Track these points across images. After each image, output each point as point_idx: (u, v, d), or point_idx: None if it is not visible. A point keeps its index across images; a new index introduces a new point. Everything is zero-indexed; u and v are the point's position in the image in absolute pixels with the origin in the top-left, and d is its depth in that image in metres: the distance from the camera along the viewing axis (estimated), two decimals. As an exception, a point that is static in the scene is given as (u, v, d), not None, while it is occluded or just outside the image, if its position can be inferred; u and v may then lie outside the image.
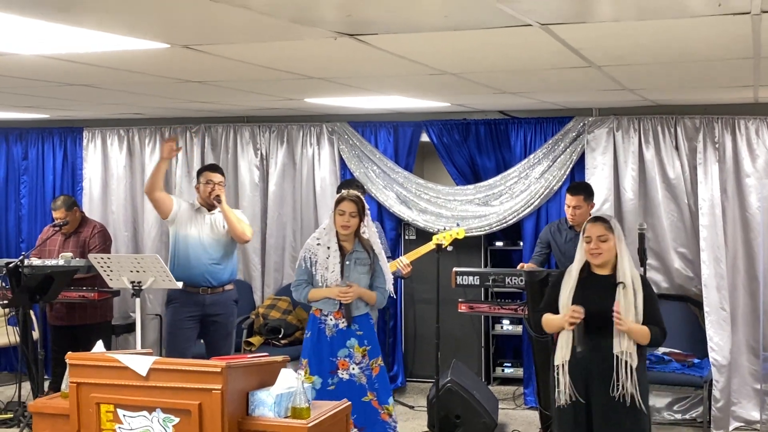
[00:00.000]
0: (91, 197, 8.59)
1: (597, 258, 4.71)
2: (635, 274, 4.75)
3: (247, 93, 5.72)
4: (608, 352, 4.62)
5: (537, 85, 5.34)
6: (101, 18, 2.98)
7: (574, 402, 4.69)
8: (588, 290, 4.73)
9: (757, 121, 6.94)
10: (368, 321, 5.62)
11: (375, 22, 3.03)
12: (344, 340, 5.50)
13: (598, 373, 4.65)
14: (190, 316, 6.43)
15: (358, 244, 5.57)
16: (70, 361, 3.94)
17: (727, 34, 3.46)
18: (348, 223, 5.45)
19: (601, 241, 4.69)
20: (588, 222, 4.81)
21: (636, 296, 4.65)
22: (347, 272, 5.50)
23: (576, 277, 4.77)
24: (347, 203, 5.47)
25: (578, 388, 4.69)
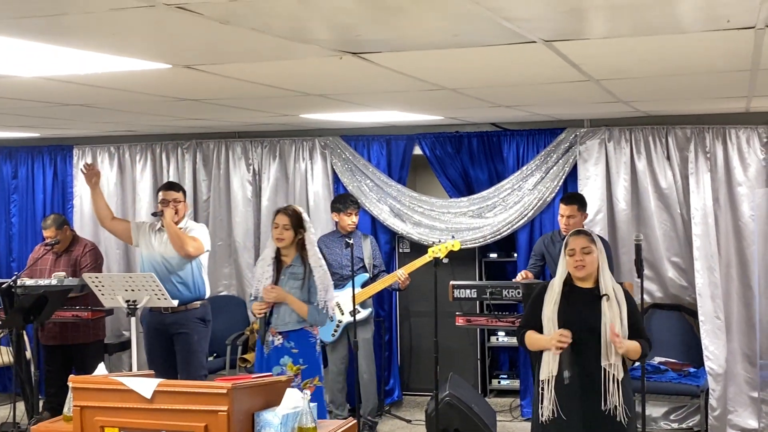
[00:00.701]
0: (82, 215, 8.55)
1: (581, 270, 4.70)
2: (617, 287, 4.77)
3: (244, 110, 5.71)
4: (594, 366, 4.60)
5: (533, 98, 5.36)
6: (111, 41, 2.97)
7: (556, 418, 4.67)
8: (572, 303, 4.71)
9: (748, 131, 6.99)
10: (307, 338, 5.54)
11: (383, 41, 3.03)
12: (278, 357, 5.47)
13: (585, 388, 4.63)
14: (158, 336, 6.48)
15: (297, 258, 5.55)
16: (72, 385, 3.90)
17: (727, 48, 3.49)
18: (281, 235, 5.49)
19: (585, 253, 4.69)
20: (570, 236, 4.82)
21: (620, 308, 4.66)
22: (280, 285, 5.51)
23: (559, 290, 4.75)
24: (280, 216, 5.53)
25: (562, 403, 4.66)
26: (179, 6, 2.36)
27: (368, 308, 7.17)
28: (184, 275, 6.49)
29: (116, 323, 8.30)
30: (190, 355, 6.52)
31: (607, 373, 4.59)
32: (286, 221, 5.48)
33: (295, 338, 5.48)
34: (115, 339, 8.27)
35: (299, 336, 5.49)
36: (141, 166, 8.53)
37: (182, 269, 6.47)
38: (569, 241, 4.77)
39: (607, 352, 4.60)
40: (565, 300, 4.72)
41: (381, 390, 7.75)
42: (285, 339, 5.48)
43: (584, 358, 4.62)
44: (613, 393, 4.58)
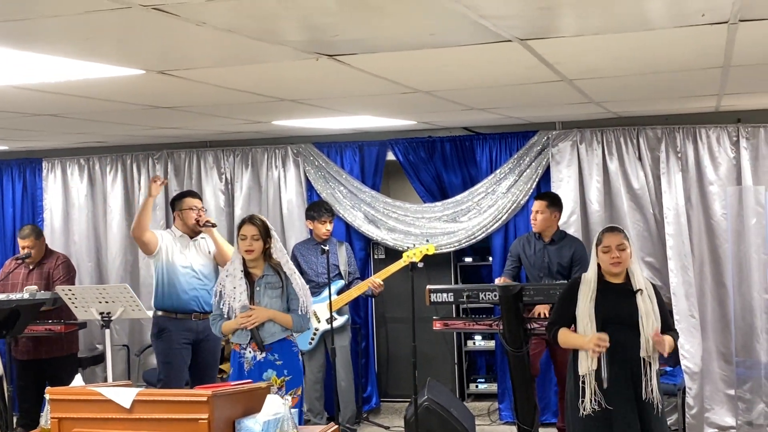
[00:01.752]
0: (52, 228, 8.46)
1: (618, 266, 4.80)
2: (647, 282, 4.90)
3: (216, 117, 5.67)
4: (631, 357, 4.72)
5: (507, 100, 5.36)
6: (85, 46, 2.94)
7: (603, 409, 4.74)
8: (607, 299, 4.81)
9: (718, 130, 7.04)
10: (290, 348, 5.38)
11: (360, 42, 3.02)
12: (261, 372, 5.25)
13: (626, 380, 4.74)
14: (186, 343, 6.40)
15: (268, 267, 5.36)
16: (50, 396, 3.84)
17: (700, 44, 3.51)
18: (251, 247, 5.27)
19: (620, 249, 4.79)
20: (604, 232, 4.91)
21: (653, 302, 4.80)
22: (258, 298, 5.31)
23: (594, 286, 4.84)
24: (247, 226, 5.31)
25: (606, 396, 4.74)
26: (155, 7, 2.34)
27: (345, 315, 7.15)
28: (211, 283, 6.44)
29: (89, 337, 8.20)
30: (215, 359, 6.61)
31: (646, 363, 4.73)
32: (255, 231, 5.28)
33: (278, 350, 5.31)
34: (89, 353, 8.19)
35: (282, 347, 5.33)
36: (111, 178, 8.46)
37: (211, 278, 6.46)
38: (603, 238, 4.86)
39: (646, 344, 4.72)
40: (599, 295, 4.83)
41: (359, 397, 7.72)
42: (268, 352, 5.28)
43: (624, 352, 4.73)
44: (653, 383, 4.73)
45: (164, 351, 6.42)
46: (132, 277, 8.25)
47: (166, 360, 6.41)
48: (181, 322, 6.35)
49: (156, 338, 6.48)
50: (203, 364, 6.50)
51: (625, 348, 4.73)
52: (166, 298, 6.33)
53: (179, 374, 6.36)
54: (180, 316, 6.33)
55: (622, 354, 4.73)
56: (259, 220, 5.38)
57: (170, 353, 6.39)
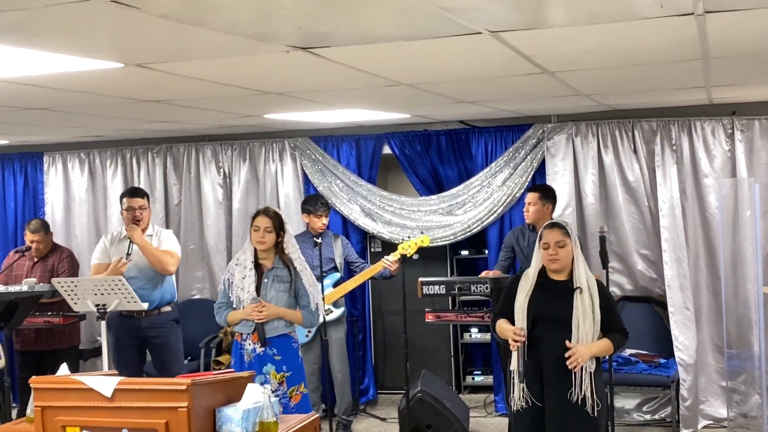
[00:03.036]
0: (53, 222, 8.51)
1: (555, 264, 4.73)
2: (591, 279, 4.77)
3: (205, 111, 5.72)
4: (561, 357, 4.61)
5: (493, 93, 5.38)
6: (54, 39, 2.98)
7: (531, 406, 4.71)
8: (544, 295, 4.74)
9: (713, 122, 7.05)
10: (290, 344, 5.35)
11: (327, 34, 3.06)
12: (261, 365, 5.23)
13: (555, 377, 4.67)
14: (131, 342, 6.46)
15: (278, 261, 5.34)
16: (34, 385, 3.91)
17: (674, 35, 3.52)
18: (263, 238, 5.26)
19: (559, 246, 4.71)
20: (545, 228, 4.82)
21: (593, 301, 4.68)
22: (264, 290, 5.29)
23: (533, 281, 4.78)
24: (261, 218, 5.29)
25: (534, 391, 4.71)
26: (114, 0, 2.37)
27: (341, 308, 7.18)
28: (154, 280, 6.49)
29: (90, 329, 8.29)
30: (171, 356, 6.54)
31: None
32: (268, 223, 5.26)
33: (277, 345, 5.28)
34: (90, 345, 8.27)
35: (282, 342, 5.30)
36: (112, 172, 8.53)
37: (153, 274, 6.47)
38: (543, 234, 4.77)
39: (578, 343, 4.61)
40: (538, 291, 4.76)
41: (356, 389, 7.77)
42: (267, 346, 5.26)
43: (555, 349, 4.64)
44: (584, 384, 4.61)
45: (112, 346, 6.50)
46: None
47: (114, 355, 6.52)
48: (124, 319, 6.40)
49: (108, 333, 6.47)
50: (160, 362, 6.53)
51: (555, 347, 4.64)
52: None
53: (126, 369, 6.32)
54: (124, 313, 6.37)
55: (552, 353, 4.65)
56: (274, 212, 5.37)
57: (115, 349, 6.50)
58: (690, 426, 7.01)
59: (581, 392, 4.60)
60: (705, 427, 7.09)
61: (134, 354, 6.52)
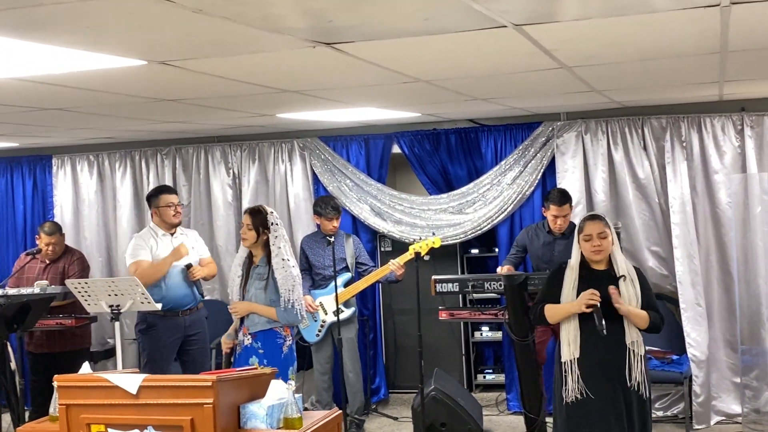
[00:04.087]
0: (63, 224, 8.45)
1: (599, 254, 4.90)
2: (629, 267, 4.97)
3: (221, 110, 5.72)
4: (617, 344, 4.80)
5: (508, 89, 5.39)
6: (83, 36, 2.99)
7: (585, 398, 4.82)
8: (590, 285, 4.86)
9: (723, 119, 7.07)
10: (274, 339, 5.46)
11: (355, 28, 3.07)
12: (247, 357, 5.47)
13: (611, 365, 4.81)
14: (172, 341, 6.47)
15: (263, 258, 5.51)
16: (58, 384, 3.91)
17: (696, 28, 3.53)
18: (244, 235, 5.51)
19: (602, 237, 4.89)
20: (585, 221, 4.99)
21: (635, 288, 4.87)
22: (249, 286, 5.54)
23: (577, 271, 4.94)
24: (244, 216, 5.56)
25: (588, 382, 4.82)
26: (151, -6, 2.38)
27: (352, 307, 7.19)
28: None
29: (100, 331, 8.30)
30: (203, 353, 6.65)
31: (630, 351, 4.80)
32: (249, 221, 5.47)
33: (262, 338, 5.45)
34: (100, 347, 8.28)
35: (266, 336, 5.46)
36: (121, 174, 8.54)
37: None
38: (584, 227, 4.95)
39: (629, 329, 4.81)
40: (582, 282, 4.91)
41: (367, 388, 7.77)
42: (253, 339, 5.46)
43: (607, 339, 4.77)
44: (637, 369, 4.79)
45: (150, 348, 6.48)
46: (142, 272, 8.31)
47: (151, 357, 6.46)
48: (168, 319, 6.41)
49: (143, 334, 6.50)
50: (193, 360, 6.57)
51: (609, 335, 4.77)
52: (155, 296, 6.31)
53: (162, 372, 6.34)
54: (168, 314, 6.38)
55: (605, 341, 4.78)
56: (257, 210, 5.52)
57: (155, 351, 6.46)
58: (703, 422, 7.02)
59: (635, 378, 4.78)
60: (718, 423, 7.09)
61: (171, 357, 6.53)
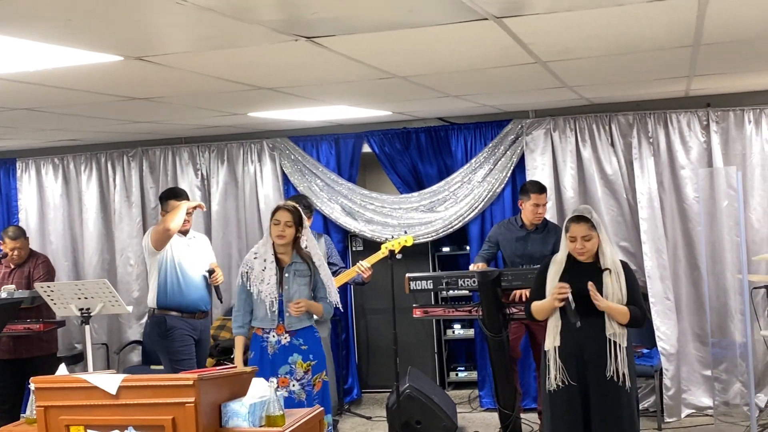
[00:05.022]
0: (28, 228, 8.36)
1: (582, 256, 4.94)
2: (616, 260, 4.99)
3: (194, 108, 5.68)
4: (599, 335, 4.82)
5: (481, 85, 5.41)
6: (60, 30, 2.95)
7: (567, 386, 4.85)
8: (574, 277, 4.90)
9: (689, 114, 7.15)
10: (313, 334, 5.46)
11: (337, 21, 3.06)
12: (287, 356, 5.35)
13: (591, 356, 4.84)
14: (194, 341, 6.39)
15: (296, 255, 5.42)
16: (35, 385, 3.85)
17: (672, 19, 3.57)
18: (283, 233, 5.32)
19: (586, 240, 4.90)
20: (571, 221, 4.99)
21: (620, 280, 4.89)
22: (287, 284, 5.36)
23: (562, 265, 4.98)
24: (282, 212, 5.35)
25: (570, 371, 4.85)
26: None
27: (324, 307, 7.15)
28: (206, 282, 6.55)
29: (68, 336, 8.19)
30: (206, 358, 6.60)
31: (611, 341, 4.81)
32: (288, 218, 5.32)
33: (302, 335, 5.39)
34: (67, 352, 8.16)
35: (306, 332, 5.41)
36: (86, 177, 8.45)
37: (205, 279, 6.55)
38: (570, 227, 4.96)
39: (610, 321, 4.83)
40: (567, 274, 4.94)
41: (340, 389, 7.76)
42: (293, 336, 5.35)
43: (588, 329, 4.81)
44: (618, 360, 4.80)
45: (177, 350, 6.30)
46: (109, 275, 8.23)
47: (181, 358, 6.27)
48: (186, 320, 6.32)
49: (164, 338, 6.31)
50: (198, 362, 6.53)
51: (590, 325, 4.82)
52: (175, 297, 6.26)
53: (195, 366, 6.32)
54: (185, 315, 6.32)
55: (585, 331, 4.82)
56: (294, 207, 5.43)
57: (183, 351, 6.31)
58: (674, 415, 7.09)
59: (615, 369, 4.78)
60: (688, 416, 7.16)
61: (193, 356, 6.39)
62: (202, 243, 6.68)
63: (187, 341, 6.33)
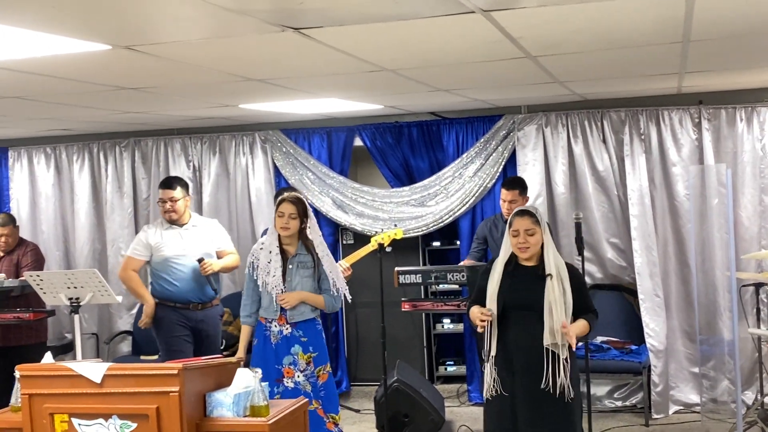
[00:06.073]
0: (19, 218, 8.37)
1: (525, 252, 4.65)
2: (560, 264, 4.70)
3: (184, 99, 5.68)
4: (537, 344, 4.56)
5: (470, 80, 5.42)
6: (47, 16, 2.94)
7: (499, 395, 4.65)
8: (515, 281, 4.68)
9: (680, 111, 7.17)
10: (314, 327, 5.47)
11: (324, 12, 3.06)
12: (288, 347, 5.38)
13: (526, 365, 4.60)
14: (185, 334, 6.36)
15: (301, 247, 5.44)
16: (20, 373, 3.85)
17: (659, 14, 3.58)
18: (287, 224, 5.33)
19: (529, 234, 4.63)
20: (514, 215, 4.73)
21: (564, 286, 4.62)
22: (289, 276, 5.38)
23: (501, 269, 4.72)
24: (286, 204, 5.35)
25: (504, 380, 4.64)
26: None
27: (314, 300, 7.16)
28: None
29: (58, 325, 8.20)
30: (215, 350, 6.50)
31: (550, 352, 4.54)
32: (293, 210, 5.32)
33: (303, 327, 5.39)
34: (57, 341, 8.16)
35: (307, 324, 5.41)
36: (78, 167, 8.45)
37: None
38: (513, 222, 4.69)
39: (551, 331, 4.52)
40: (508, 278, 4.68)
41: (329, 381, 7.75)
42: (294, 328, 5.37)
43: (526, 337, 4.59)
44: (556, 372, 4.54)
45: (165, 339, 6.37)
46: (100, 265, 8.25)
47: (169, 347, 6.33)
48: (178, 311, 6.32)
49: (155, 328, 6.38)
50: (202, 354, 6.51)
51: (527, 334, 4.59)
52: (164, 289, 6.30)
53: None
54: (179, 306, 6.32)
55: (524, 340, 4.60)
56: (298, 198, 5.43)
57: (171, 340, 6.34)
58: (661, 412, 7.11)
59: (555, 379, 4.53)
60: (676, 412, 7.19)
61: (189, 345, 6.40)
62: (205, 231, 6.52)
63: (177, 332, 6.32)
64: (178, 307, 6.32)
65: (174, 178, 6.67)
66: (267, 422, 3.75)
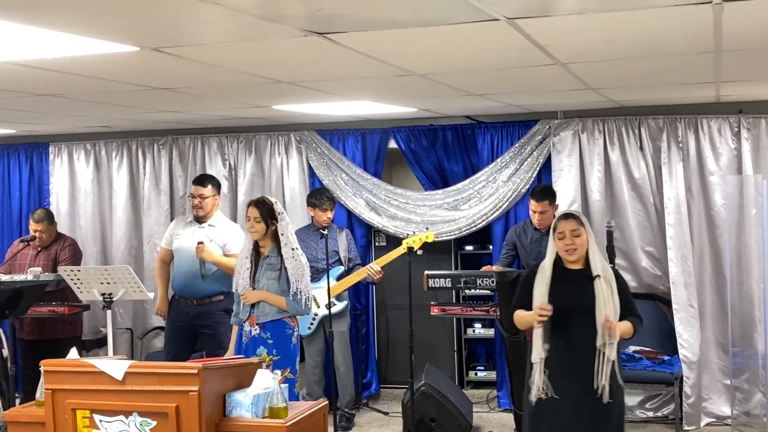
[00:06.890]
0: (58, 212, 8.52)
1: (572, 254, 4.69)
2: (606, 267, 4.76)
3: (215, 100, 5.72)
4: (588, 346, 4.59)
5: (503, 85, 5.39)
6: (71, 19, 2.98)
7: (549, 398, 4.65)
8: (563, 285, 4.70)
9: (720, 120, 7.07)
10: (283, 329, 5.52)
11: (345, 17, 3.06)
12: (255, 347, 5.50)
13: (577, 369, 4.63)
14: (182, 326, 6.62)
15: (273, 249, 5.54)
16: (44, 368, 3.91)
17: (688, 26, 3.53)
18: (253, 228, 5.51)
19: (575, 236, 4.68)
20: (559, 219, 4.79)
21: (612, 287, 4.65)
22: (258, 277, 5.54)
23: (550, 273, 4.74)
24: (250, 208, 5.53)
25: (555, 384, 4.64)
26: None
27: (344, 301, 7.20)
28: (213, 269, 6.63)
29: (93, 319, 8.30)
30: (219, 347, 6.54)
31: (601, 353, 4.57)
32: (256, 213, 5.48)
33: (271, 329, 5.48)
34: (93, 335, 8.28)
35: (275, 327, 5.49)
36: (117, 163, 8.54)
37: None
38: (558, 225, 4.75)
39: (603, 332, 4.55)
40: (556, 282, 4.71)
41: (359, 383, 7.78)
42: (261, 329, 5.48)
43: (577, 340, 4.63)
44: (606, 374, 4.57)
45: (166, 329, 6.86)
46: (136, 261, 8.34)
47: (167, 337, 6.80)
48: (177, 303, 6.46)
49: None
50: (207, 354, 6.62)
51: (580, 336, 4.61)
52: (172, 281, 6.55)
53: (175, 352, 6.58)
54: (180, 298, 6.43)
55: (577, 341, 4.62)
56: (262, 201, 5.54)
57: (168, 331, 6.77)
58: (693, 423, 7.02)
59: (602, 382, 4.56)
60: (708, 424, 7.10)
61: (183, 338, 6.67)
62: (219, 231, 6.71)
63: (173, 323, 6.69)
64: (177, 299, 6.66)
65: (207, 176, 6.82)
66: (285, 424, 3.78)
